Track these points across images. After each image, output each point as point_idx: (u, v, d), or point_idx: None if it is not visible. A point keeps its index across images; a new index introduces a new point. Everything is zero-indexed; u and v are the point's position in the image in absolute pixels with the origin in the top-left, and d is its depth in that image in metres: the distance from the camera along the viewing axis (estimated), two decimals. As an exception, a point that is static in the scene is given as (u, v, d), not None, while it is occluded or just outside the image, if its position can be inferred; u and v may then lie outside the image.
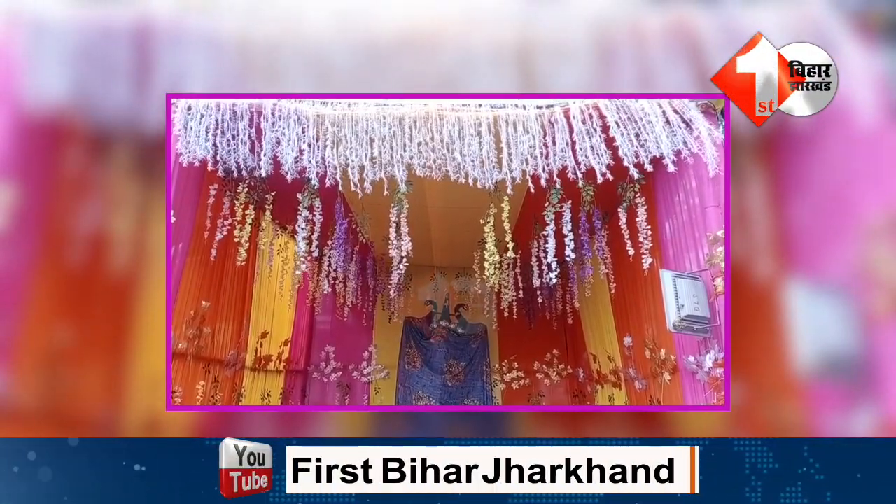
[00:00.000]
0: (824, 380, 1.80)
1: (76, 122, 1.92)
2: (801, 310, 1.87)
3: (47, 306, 1.79)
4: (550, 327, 5.54)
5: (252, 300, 3.92)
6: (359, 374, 5.68)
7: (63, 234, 1.86)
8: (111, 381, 1.90)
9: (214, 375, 3.34)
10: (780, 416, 1.85)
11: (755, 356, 1.92)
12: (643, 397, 3.69)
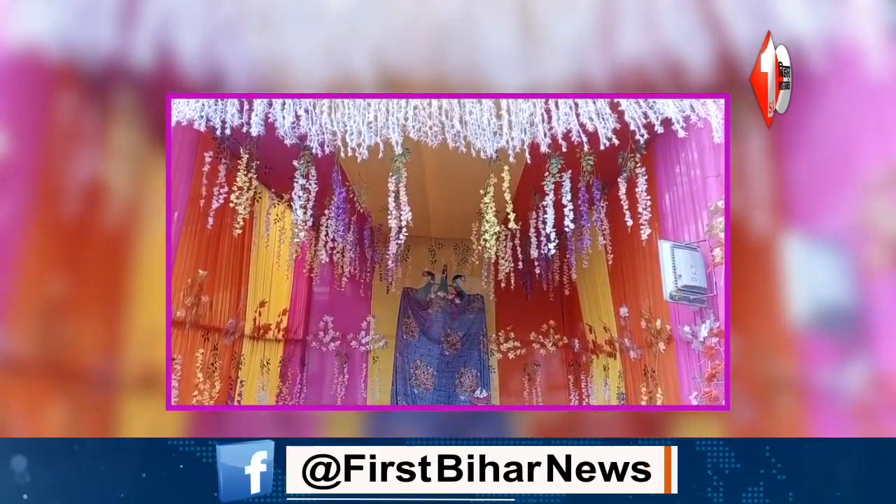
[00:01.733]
0: (819, 333, 1.82)
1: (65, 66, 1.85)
2: (798, 263, 1.87)
3: (42, 258, 1.77)
4: (547, 298, 5.58)
5: (249, 269, 3.92)
6: (357, 343, 5.74)
7: (56, 184, 1.83)
8: (109, 333, 1.90)
9: (214, 343, 3.37)
10: (773, 371, 1.86)
11: (750, 311, 1.93)
12: (637, 366, 3.75)
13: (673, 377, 3.11)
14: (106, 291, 1.92)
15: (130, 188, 1.95)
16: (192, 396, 3.08)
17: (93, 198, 1.89)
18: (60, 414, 1.76)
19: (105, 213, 1.91)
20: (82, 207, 1.87)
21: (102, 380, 1.88)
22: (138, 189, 1.96)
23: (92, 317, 1.87)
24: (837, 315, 1.80)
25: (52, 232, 1.80)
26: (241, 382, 3.86)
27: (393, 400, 5.52)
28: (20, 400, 1.66)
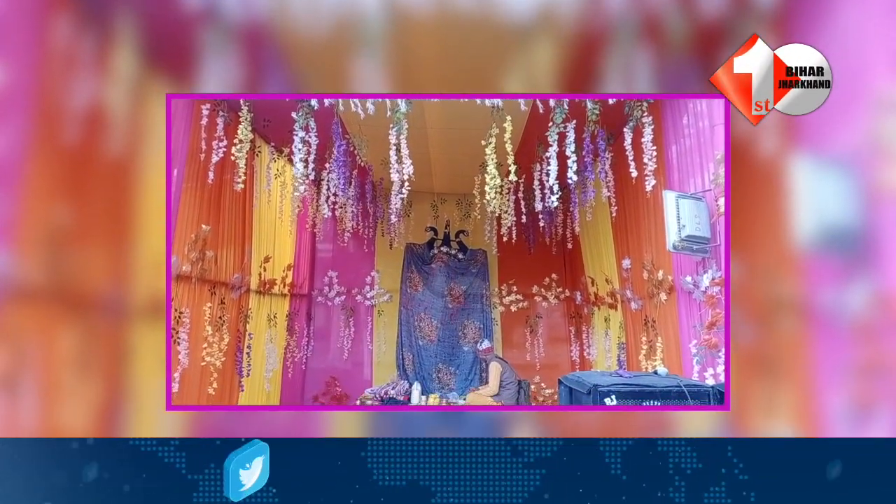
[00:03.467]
0: (824, 254, 1.81)
1: None
2: (805, 183, 1.85)
3: (45, 185, 1.76)
4: (550, 252, 5.60)
5: (252, 225, 3.93)
6: (362, 297, 5.82)
7: (56, 110, 1.80)
8: (116, 260, 1.90)
9: (220, 298, 3.43)
10: (777, 292, 1.87)
11: (755, 232, 1.91)
12: (638, 317, 3.81)
13: (673, 327, 3.16)
14: (111, 218, 1.91)
15: (131, 113, 1.92)
16: (201, 349, 3.17)
17: (93, 124, 1.86)
18: (73, 340, 1.78)
19: (106, 139, 1.88)
20: (83, 134, 1.84)
21: (112, 307, 1.88)
22: (139, 114, 1.93)
23: (98, 244, 1.87)
24: (843, 235, 1.78)
25: (54, 159, 1.79)
26: (249, 335, 3.96)
27: (398, 350, 5.66)
28: (33, 326, 1.68)
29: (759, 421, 1.83)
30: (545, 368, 5.63)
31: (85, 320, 1.82)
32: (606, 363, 4.62)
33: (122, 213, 1.93)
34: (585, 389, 1.99)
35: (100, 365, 1.84)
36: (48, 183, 1.77)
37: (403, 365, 5.55)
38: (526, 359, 5.62)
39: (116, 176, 1.92)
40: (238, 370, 3.76)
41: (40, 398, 1.69)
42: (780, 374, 1.84)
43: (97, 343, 1.84)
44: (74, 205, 1.82)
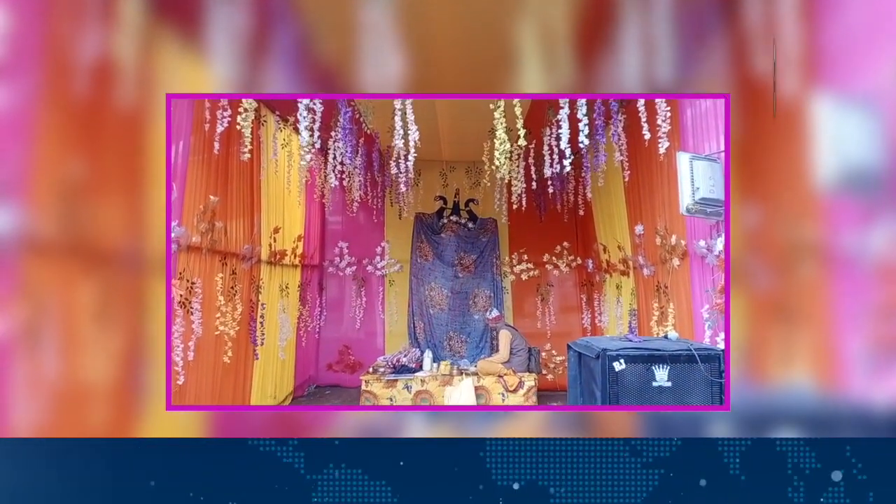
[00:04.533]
0: (846, 195, 1.76)
1: None
2: (826, 124, 1.80)
3: (57, 138, 1.76)
4: (561, 220, 5.53)
5: (261, 196, 3.93)
6: (373, 268, 5.85)
7: (64, 62, 1.80)
8: (131, 213, 1.90)
9: (232, 268, 3.46)
10: (796, 237, 1.83)
11: (774, 174, 1.86)
12: (650, 283, 3.77)
13: (686, 292, 3.13)
14: (125, 170, 1.89)
15: (141, 64, 1.90)
16: (214, 318, 3.22)
17: (103, 75, 1.85)
18: (92, 293, 1.79)
19: (117, 90, 1.87)
20: (94, 85, 1.83)
21: (129, 260, 1.88)
22: (149, 64, 1.91)
23: (113, 197, 1.86)
24: (866, 176, 1.73)
25: (65, 112, 1.78)
26: (262, 305, 4.01)
27: (410, 319, 5.71)
28: (52, 280, 1.70)
29: (776, 368, 1.80)
30: (556, 336, 5.65)
31: (103, 274, 1.82)
32: (618, 330, 4.61)
33: (136, 166, 1.91)
34: (594, 354, 1.98)
35: (120, 318, 1.85)
36: (60, 136, 1.76)
37: (415, 333, 5.61)
38: (537, 327, 5.64)
39: (128, 127, 1.90)
40: (252, 339, 3.83)
41: (62, 351, 1.72)
42: (798, 320, 1.80)
43: (116, 296, 1.84)
44: (87, 157, 1.81)
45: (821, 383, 1.76)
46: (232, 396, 3.49)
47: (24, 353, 1.68)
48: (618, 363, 1.89)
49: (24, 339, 1.68)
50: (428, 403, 4.44)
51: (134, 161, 1.92)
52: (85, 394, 1.77)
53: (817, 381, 1.76)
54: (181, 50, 1.95)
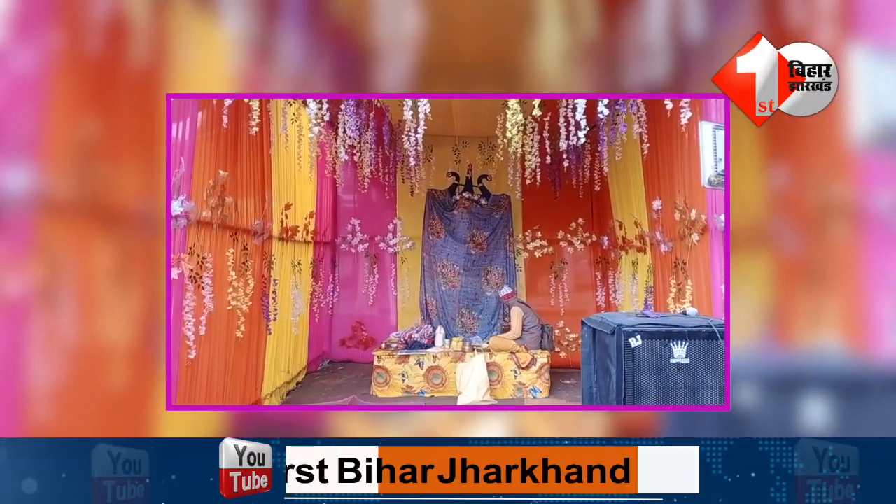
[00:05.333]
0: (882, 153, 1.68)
1: None
2: (863, 78, 1.70)
3: (71, 98, 1.74)
4: (576, 196, 5.41)
5: (271, 171, 3.89)
6: (385, 245, 5.82)
7: (79, 20, 1.77)
8: (147, 174, 1.87)
9: (243, 244, 3.45)
10: (827, 197, 1.75)
11: (805, 132, 1.76)
12: (667, 260, 3.68)
13: (705, 268, 3.03)
14: (140, 131, 1.86)
15: (155, 22, 1.87)
16: (226, 293, 3.22)
17: (117, 34, 1.82)
18: (109, 254, 1.77)
19: (131, 49, 1.85)
20: (108, 44, 1.81)
21: (146, 221, 1.86)
22: (163, 23, 1.87)
23: (129, 158, 1.84)
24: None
25: (79, 71, 1.76)
26: (274, 281, 4.01)
27: (422, 296, 5.69)
28: (68, 241, 1.69)
29: (804, 332, 1.75)
30: (569, 314, 5.59)
31: (120, 235, 1.80)
32: (633, 307, 4.54)
33: (151, 126, 1.88)
34: (609, 330, 1.93)
35: (138, 279, 1.83)
36: (74, 96, 1.74)
37: (427, 310, 5.60)
38: (550, 305, 5.58)
39: (144, 88, 1.87)
40: (265, 314, 3.84)
41: (79, 311, 1.71)
42: (828, 282, 1.74)
43: (134, 258, 1.83)
44: (102, 118, 1.78)
45: (851, 347, 1.70)
46: (245, 370, 3.52)
47: (40, 313, 1.68)
48: (634, 339, 1.83)
49: (40, 300, 1.67)
50: (440, 380, 4.45)
51: (149, 121, 1.89)
52: (103, 355, 1.77)
53: (847, 345, 1.70)
54: (194, 8, 1.90)
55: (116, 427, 1.80)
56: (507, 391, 4.38)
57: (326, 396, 4.37)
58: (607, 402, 2.01)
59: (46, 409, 1.67)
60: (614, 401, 1.85)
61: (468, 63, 2.37)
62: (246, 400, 3.55)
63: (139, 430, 1.85)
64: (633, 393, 1.81)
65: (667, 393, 1.81)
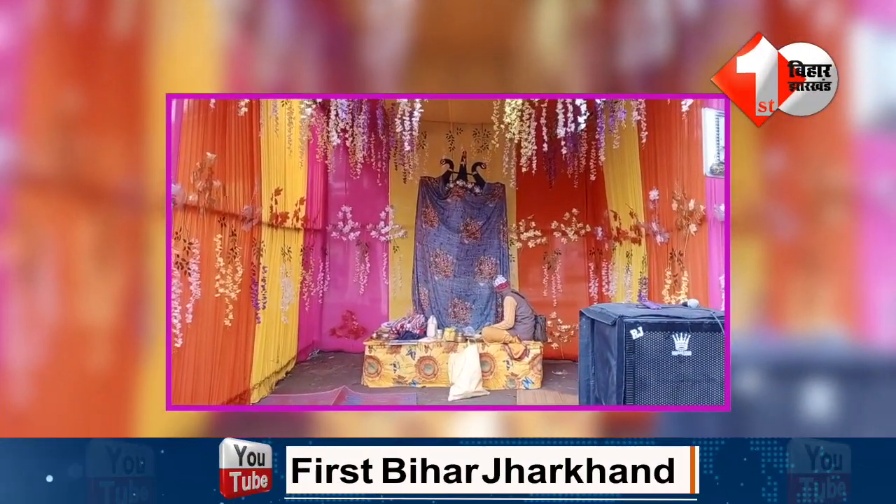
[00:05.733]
0: (884, 136, 1.66)
1: None
2: (866, 58, 1.67)
3: (51, 69, 1.65)
4: (571, 186, 5.36)
5: (261, 155, 3.77)
6: (377, 233, 5.73)
7: None
8: (130, 149, 1.81)
9: (231, 229, 3.35)
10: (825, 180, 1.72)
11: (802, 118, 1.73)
12: (663, 251, 3.65)
13: (702, 259, 3.00)
14: (123, 104, 1.79)
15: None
16: (214, 280, 3.13)
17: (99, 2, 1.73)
18: (90, 232, 1.70)
19: (113, 17, 1.76)
20: (89, 13, 1.71)
21: (129, 198, 1.80)
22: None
23: (112, 131, 1.76)
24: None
25: (60, 41, 1.66)
26: (263, 268, 3.92)
27: (414, 285, 5.62)
28: (48, 216, 1.61)
29: (798, 317, 1.73)
30: (562, 306, 5.56)
31: (102, 212, 1.73)
32: (626, 299, 4.51)
33: (135, 99, 1.80)
34: (610, 321, 1.88)
35: (120, 258, 1.77)
36: (55, 66, 1.64)
37: (419, 300, 5.54)
38: (543, 295, 5.55)
39: (127, 58, 1.79)
40: (254, 302, 3.76)
41: (59, 289, 1.63)
42: (823, 268, 1.73)
43: (116, 235, 1.76)
44: (84, 89, 1.68)
45: (846, 333, 1.68)
46: (233, 360, 3.44)
47: (18, 291, 1.59)
48: (635, 331, 1.79)
49: (18, 277, 1.59)
50: (432, 370, 4.40)
51: (133, 93, 1.80)
52: (83, 335, 1.69)
53: (842, 331, 1.69)
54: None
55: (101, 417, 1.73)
56: (499, 382, 4.35)
57: (316, 387, 4.31)
58: (606, 394, 1.97)
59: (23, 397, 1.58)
60: (614, 393, 1.81)
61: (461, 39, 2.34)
62: (234, 389, 3.47)
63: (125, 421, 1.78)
64: (634, 385, 1.76)
65: (668, 386, 1.77)
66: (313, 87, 2.67)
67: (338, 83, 2.46)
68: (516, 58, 2.43)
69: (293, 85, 2.45)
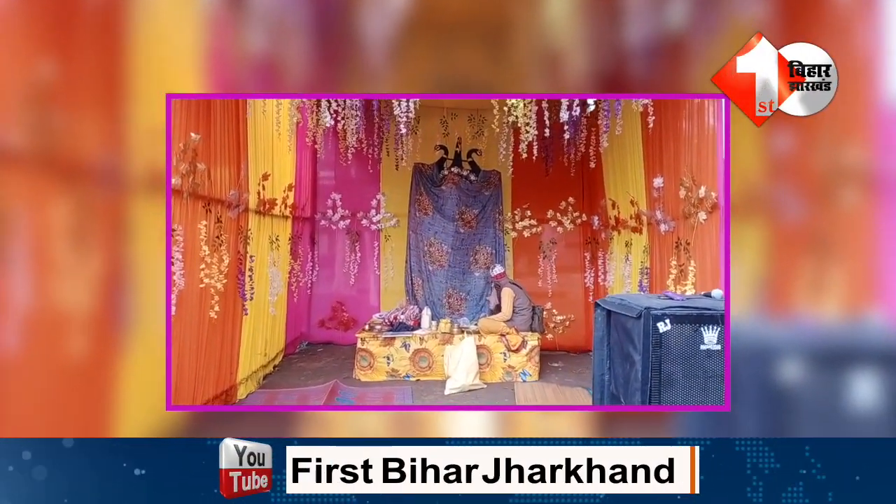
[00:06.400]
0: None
1: None
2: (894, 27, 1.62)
3: (22, 36, 1.51)
4: (567, 174, 5.24)
5: (247, 137, 3.56)
6: (368, 221, 5.55)
7: None
8: (108, 124, 1.71)
9: (217, 216, 3.14)
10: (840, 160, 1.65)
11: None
12: (667, 240, 3.55)
13: (711, 248, 2.90)
14: (101, 76, 1.68)
15: None
16: (199, 269, 2.93)
17: None
18: (67, 212, 1.59)
19: None
20: None
21: (108, 177, 1.70)
22: None
23: (88, 106, 1.65)
24: None
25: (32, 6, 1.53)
26: (250, 258, 3.72)
27: (407, 276, 5.46)
28: (20, 195, 1.48)
29: (804, 301, 1.69)
30: (557, 296, 5.47)
31: (79, 191, 1.62)
32: (625, 289, 4.42)
33: (114, 71, 1.70)
34: (635, 313, 1.75)
35: (98, 240, 1.67)
36: (27, 34, 1.51)
37: (413, 290, 5.38)
38: (538, 286, 5.44)
39: (105, 27, 1.67)
40: (241, 293, 3.56)
41: (34, 273, 1.52)
42: (833, 250, 1.69)
43: (93, 216, 1.66)
44: (59, 59, 1.56)
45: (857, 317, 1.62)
46: (219, 353, 3.25)
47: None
48: (662, 323, 1.67)
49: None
50: (427, 363, 4.26)
51: (112, 64, 1.69)
52: (59, 322, 1.58)
53: (853, 315, 1.63)
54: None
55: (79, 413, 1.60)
56: (496, 374, 4.23)
57: (306, 381, 4.14)
58: (626, 390, 1.86)
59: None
60: (638, 391, 1.69)
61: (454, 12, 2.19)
62: (220, 385, 3.29)
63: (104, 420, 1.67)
64: (661, 382, 1.65)
65: (696, 382, 1.66)
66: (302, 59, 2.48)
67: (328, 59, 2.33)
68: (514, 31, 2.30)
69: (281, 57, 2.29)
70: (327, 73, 2.18)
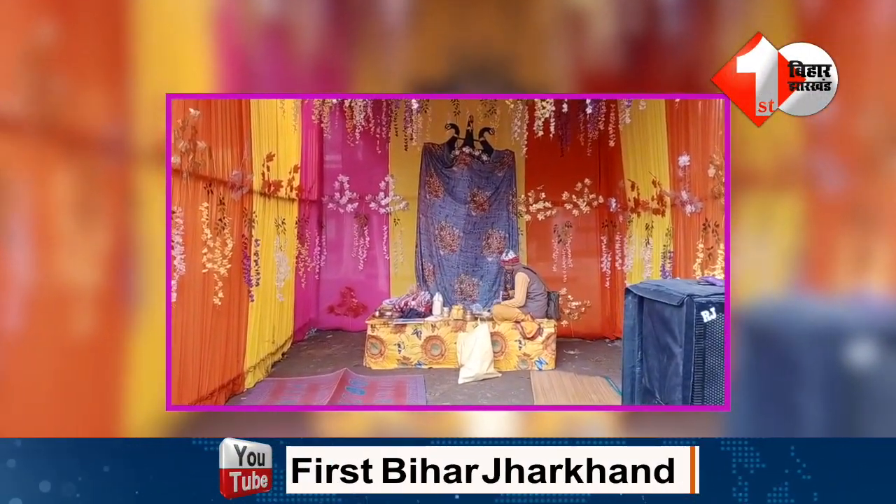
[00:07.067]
0: None
1: None
2: None
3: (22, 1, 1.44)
4: (584, 154, 5.03)
5: (251, 115, 3.39)
6: (376, 204, 5.38)
7: None
8: (112, 93, 1.65)
9: (219, 197, 2.99)
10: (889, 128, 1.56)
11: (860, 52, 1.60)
12: (693, 222, 3.35)
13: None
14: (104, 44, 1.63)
15: None
16: (201, 254, 2.79)
17: None
18: (70, 183, 1.53)
19: None
20: None
21: (112, 147, 1.65)
22: None
23: (92, 73, 1.59)
24: None
25: None
26: (256, 241, 3.58)
27: (417, 260, 5.31)
28: (21, 165, 1.41)
29: (846, 277, 1.63)
30: (572, 281, 5.30)
31: (83, 161, 1.57)
32: (645, 274, 4.24)
33: (118, 39, 1.66)
34: (676, 301, 1.58)
35: (104, 213, 1.62)
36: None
37: (423, 276, 5.23)
38: (553, 270, 5.26)
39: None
40: (246, 279, 3.43)
41: (37, 246, 1.45)
42: (879, 223, 1.62)
43: (98, 187, 1.62)
44: (60, 24, 1.50)
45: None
46: (225, 341, 3.13)
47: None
48: (707, 312, 1.50)
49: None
50: (439, 350, 4.13)
51: (115, 29, 1.64)
52: (64, 298, 1.52)
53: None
54: None
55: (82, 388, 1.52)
56: (510, 363, 4.10)
57: (315, 368, 4.03)
58: (662, 385, 1.70)
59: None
60: (678, 386, 1.53)
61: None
62: (227, 374, 3.18)
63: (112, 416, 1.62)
64: (704, 377, 1.49)
65: (744, 376, 1.49)
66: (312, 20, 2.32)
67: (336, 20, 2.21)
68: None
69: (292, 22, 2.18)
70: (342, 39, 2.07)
